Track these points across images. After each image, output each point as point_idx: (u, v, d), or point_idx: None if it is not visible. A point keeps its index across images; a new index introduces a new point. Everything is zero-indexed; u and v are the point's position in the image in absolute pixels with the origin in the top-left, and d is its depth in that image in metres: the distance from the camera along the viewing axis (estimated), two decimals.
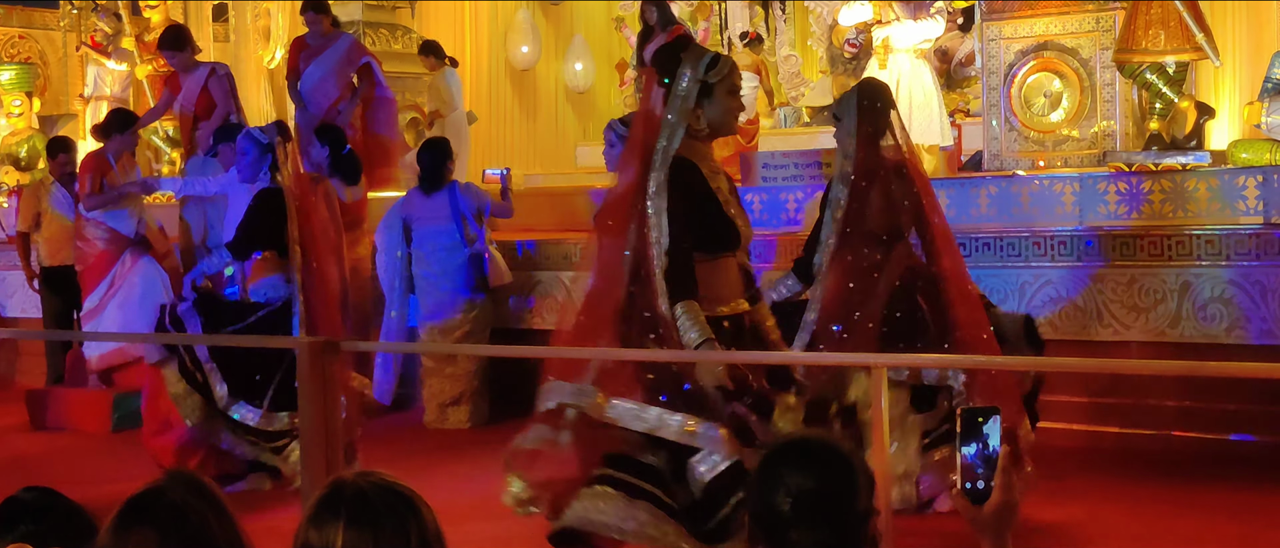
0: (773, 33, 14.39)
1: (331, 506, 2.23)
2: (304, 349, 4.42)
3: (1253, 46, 10.11)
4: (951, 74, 12.57)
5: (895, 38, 10.38)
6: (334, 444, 4.34)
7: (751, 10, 14.27)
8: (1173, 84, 9.07)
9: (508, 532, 5.58)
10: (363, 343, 6.92)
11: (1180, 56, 8.98)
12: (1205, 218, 8.01)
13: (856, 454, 2.48)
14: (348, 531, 2.19)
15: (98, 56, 14.10)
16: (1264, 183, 8.00)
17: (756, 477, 2.47)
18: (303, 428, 4.44)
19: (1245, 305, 7.47)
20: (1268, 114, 8.63)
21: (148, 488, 2.33)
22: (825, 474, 2.41)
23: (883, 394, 3.69)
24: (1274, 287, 7.41)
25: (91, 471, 7.81)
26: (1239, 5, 10.23)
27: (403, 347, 6.79)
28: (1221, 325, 7.46)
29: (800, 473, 2.41)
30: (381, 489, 2.25)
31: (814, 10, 13.82)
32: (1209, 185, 8.16)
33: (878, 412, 3.72)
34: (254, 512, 6.69)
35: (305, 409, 4.38)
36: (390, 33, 12.57)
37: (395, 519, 2.23)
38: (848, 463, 2.44)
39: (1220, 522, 6.05)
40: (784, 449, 2.49)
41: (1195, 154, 8.87)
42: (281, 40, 14.02)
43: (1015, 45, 9.48)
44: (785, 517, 2.39)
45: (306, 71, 10.85)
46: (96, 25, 14.28)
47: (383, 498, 2.24)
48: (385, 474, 2.30)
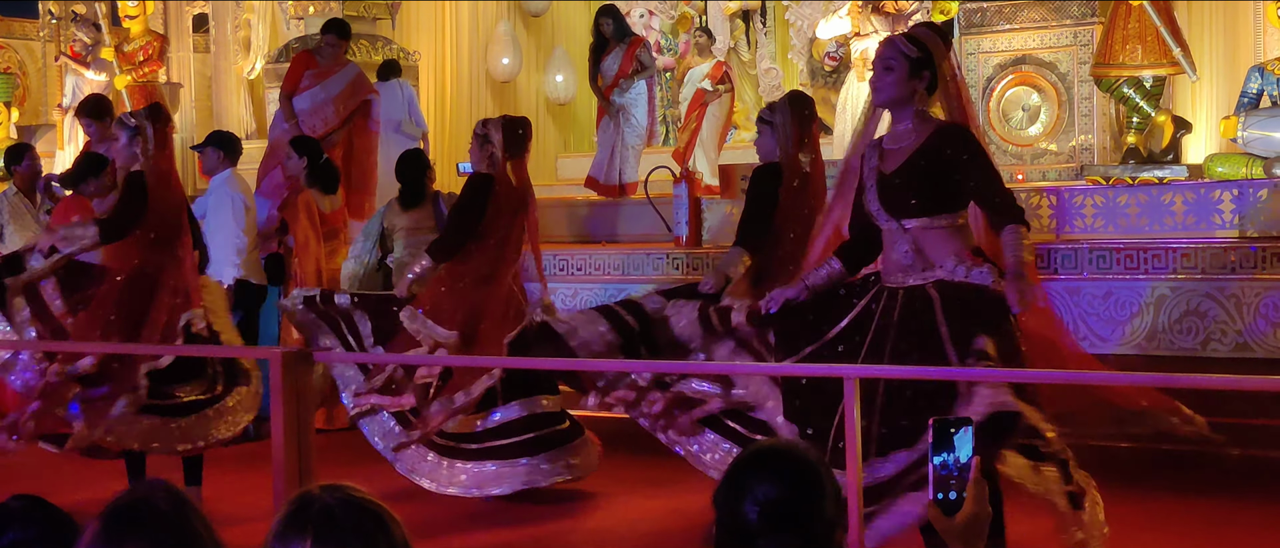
0: (753, 46, 14.41)
1: (298, 521, 2.21)
2: (276, 359, 4.41)
3: (1229, 61, 10.16)
4: None
5: (874, 51, 10.40)
6: (306, 454, 4.33)
7: (732, 24, 14.30)
8: (1150, 98, 9.12)
9: (479, 544, 5.57)
10: (335, 354, 6.87)
11: (1157, 71, 9.03)
12: (1181, 231, 8.04)
13: (824, 465, 2.47)
14: (315, 546, 2.18)
15: (77, 67, 14.07)
16: (1239, 197, 8.04)
17: (723, 484, 2.46)
18: (274, 438, 4.42)
19: (1221, 319, 7.50)
20: (1244, 128, 8.67)
21: (131, 497, 2.31)
22: (792, 484, 2.41)
23: (855, 405, 3.69)
24: (1249, 300, 7.44)
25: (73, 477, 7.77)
26: (1215, 20, 10.28)
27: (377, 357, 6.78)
28: (1197, 339, 7.49)
29: (767, 482, 2.41)
30: (348, 504, 2.23)
31: (794, 24, 13.85)
32: (1185, 199, 8.20)
33: (851, 423, 3.72)
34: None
35: (277, 419, 4.37)
36: (370, 43, 12.54)
37: (362, 535, 2.21)
38: (815, 473, 2.43)
39: (1198, 534, 6.05)
40: (752, 457, 2.48)
41: (1172, 168, 8.93)
42: (261, 51, 14.01)
43: (994, 59, 9.52)
44: (751, 525, 2.39)
45: (310, 91, 10.65)
46: (75, 35, 14.25)
47: (349, 513, 2.22)
48: (353, 488, 2.27)
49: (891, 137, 4.81)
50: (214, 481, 7.63)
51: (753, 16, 14.35)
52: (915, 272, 4.68)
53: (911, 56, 4.70)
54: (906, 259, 4.69)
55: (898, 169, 4.71)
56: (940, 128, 4.73)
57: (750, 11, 14.32)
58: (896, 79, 4.71)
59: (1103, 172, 8.80)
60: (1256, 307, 7.43)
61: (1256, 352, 7.40)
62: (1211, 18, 10.30)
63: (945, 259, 4.63)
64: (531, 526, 6.66)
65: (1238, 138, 8.75)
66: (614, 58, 11.48)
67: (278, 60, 12.87)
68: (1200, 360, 7.39)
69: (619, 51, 11.45)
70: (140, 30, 13.90)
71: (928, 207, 4.68)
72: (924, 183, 4.67)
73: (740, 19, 14.34)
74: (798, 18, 13.74)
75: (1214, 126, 9.71)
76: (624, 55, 11.39)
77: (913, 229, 4.68)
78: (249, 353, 6.84)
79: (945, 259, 4.63)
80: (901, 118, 4.77)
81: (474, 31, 14.49)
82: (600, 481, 7.09)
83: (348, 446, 8.07)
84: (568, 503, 6.96)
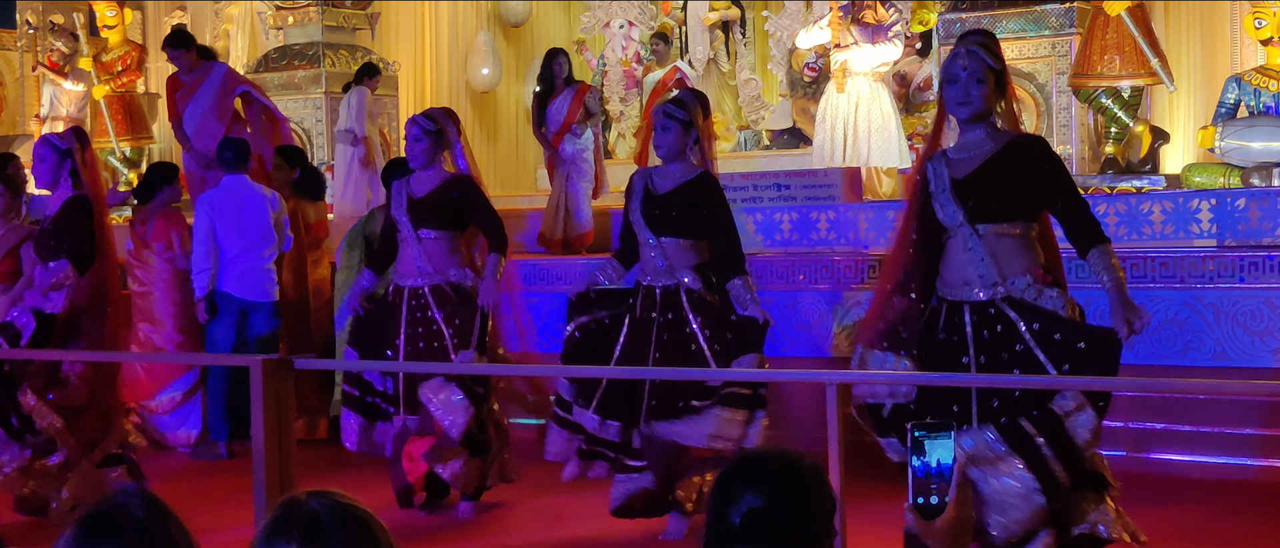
0: (733, 57, 14.44)
1: (284, 525, 2.20)
2: (257, 367, 4.39)
3: (1207, 72, 10.23)
4: (910, 98, 12.63)
5: (853, 62, 10.44)
6: (287, 462, 4.31)
7: (712, 34, 14.32)
8: (1128, 109, 9.16)
9: None
10: (319, 362, 6.85)
11: (1135, 81, 9.07)
12: (1160, 241, 8.08)
13: (816, 475, 2.46)
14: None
15: (54, 77, 14.01)
16: (1217, 206, 8.07)
17: (713, 489, 2.46)
18: (254, 446, 4.40)
19: (1199, 327, 7.53)
20: (1221, 138, 8.72)
21: (107, 505, 2.30)
22: (775, 493, 2.39)
23: (835, 411, 3.69)
24: (1228, 309, 7.48)
25: None
26: (1193, 31, 10.36)
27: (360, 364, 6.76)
28: (1176, 347, 7.52)
29: (751, 491, 2.40)
30: (335, 509, 2.22)
31: (773, 35, 13.89)
32: (1163, 209, 8.24)
33: (831, 426, 3.72)
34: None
35: (258, 427, 4.35)
36: (350, 54, 12.54)
37: (349, 540, 2.20)
38: (802, 483, 2.42)
39: (1180, 545, 6.06)
40: (741, 465, 2.47)
41: (1150, 178, 8.97)
42: (241, 61, 13.98)
43: None
44: (734, 531, 2.38)
45: (186, 113, 10.18)
46: (53, 45, 14.19)
47: (337, 518, 2.21)
48: (339, 494, 2.26)
49: (960, 147, 4.80)
50: (193, 489, 7.62)
51: (732, 27, 14.39)
52: (985, 285, 4.67)
53: (996, 69, 4.74)
54: (979, 268, 4.67)
55: (972, 174, 4.70)
56: (1017, 137, 4.76)
57: (730, 22, 14.35)
58: (986, 92, 4.71)
59: (1081, 182, 8.83)
60: (1235, 316, 7.47)
61: (1234, 360, 7.44)
62: (1189, 28, 10.37)
63: (1018, 276, 4.65)
64: (515, 535, 6.66)
65: (1215, 148, 8.79)
66: (561, 102, 10.76)
67: (257, 70, 12.85)
68: (1179, 369, 7.42)
69: (566, 96, 10.77)
70: (118, 40, 13.84)
71: (1004, 211, 4.69)
72: (1001, 187, 4.69)
73: (720, 29, 14.36)
74: (777, 28, 13.78)
75: (1192, 137, 9.77)
76: (571, 100, 10.74)
77: (986, 234, 4.69)
78: (229, 362, 6.82)
79: (1018, 276, 4.65)
80: (973, 129, 4.77)
81: (453, 42, 14.50)
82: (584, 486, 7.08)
83: (327, 457, 8.06)
84: (555, 512, 6.94)
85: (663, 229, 6.18)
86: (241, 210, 8.64)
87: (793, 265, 8.66)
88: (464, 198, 6.87)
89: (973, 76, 4.71)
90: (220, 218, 8.61)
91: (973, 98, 4.72)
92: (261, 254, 8.67)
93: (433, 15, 14.39)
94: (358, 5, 12.87)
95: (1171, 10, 10.41)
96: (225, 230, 8.63)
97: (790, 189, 9.45)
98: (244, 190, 8.71)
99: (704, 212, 6.17)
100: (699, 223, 6.18)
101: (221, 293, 8.62)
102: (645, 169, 6.55)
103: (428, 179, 6.91)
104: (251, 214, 8.64)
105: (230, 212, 8.64)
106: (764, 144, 13.70)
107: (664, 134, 6.23)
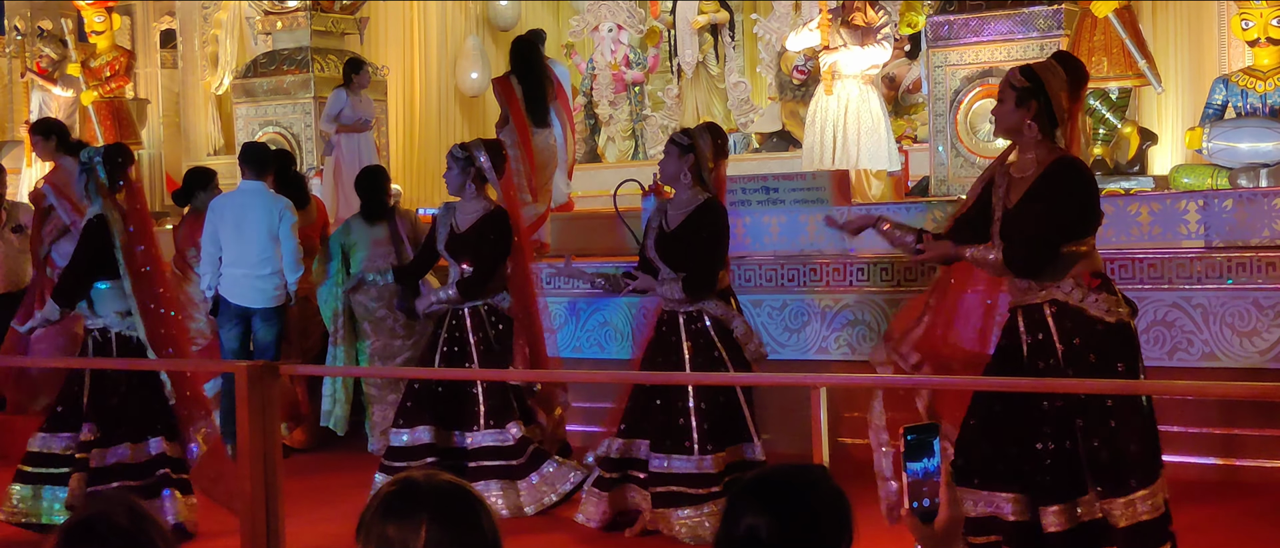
0: (722, 60, 14.44)
1: (408, 500, 2.27)
2: (242, 373, 4.38)
3: (1194, 73, 10.23)
4: (899, 100, 12.64)
5: (842, 64, 10.44)
6: (273, 467, 4.30)
7: (701, 38, 14.32)
8: (1116, 110, 9.17)
9: None
10: (304, 368, 6.84)
11: (1123, 82, 9.09)
12: (1148, 242, 8.08)
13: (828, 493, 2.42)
14: (431, 526, 2.24)
15: (43, 83, 13.99)
16: (1205, 207, 8.08)
17: (726, 507, 2.44)
18: (240, 452, 4.39)
19: (1187, 328, 7.54)
20: (1208, 140, 8.73)
21: (89, 514, 2.29)
22: (783, 514, 2.36)
23: (822, 412, 3.69)
24: (1215, 309, 7.48)
25: None
26: (1180, 33, 10.37)
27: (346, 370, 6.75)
28: (1164, 348, 7.52)
29: (758, 510, 2.37)
30: (455, 486, 2.32)
31: (762, 38, 13.88)
32: (1151, 210, 8.24)
33: (817, 432, 3.71)
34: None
35: (243, 433, 4.34)
36: (338, 59, 12.52)
37: (472, 514, 2.29)
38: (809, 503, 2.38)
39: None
40: (751, 484, 2.44)
41: (1138, 179, 8.98)
42: (229, 66, 13.97)
43: (961, 72, 9.55)
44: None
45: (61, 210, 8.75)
46: (41, 51, 14.17)
47: (458, 494, 2.31)
48: (449, 475, 2.36)
49: (1017, 166, 4.89)
50: None
51: (721, 30, 14.38)
52: (1033, 291, 4.79)
53: (1019, 87, 4.78)
54: (1025, 282, 4.80)
55: (1019, 201, 4.80)
56: (1060, 159, 4.79)
57: (719, 25, 14.34)
58: (1005, 109, 4.84)
59: None
60: (1223, 317, 7.47)
61: (1223, 361, 7.44)
62: (1176, 30, 10.38)
63: (1064, 280, 4.74)
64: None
65: (1203, 149, 8.80)
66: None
67: (246, 75, 12.84)
68: (1167, 370, 7.42)
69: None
70: (107, 46, 13.83)
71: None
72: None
73: (709, 32, 14.36)
74: (766, 31, 13.77)
75: (1179, 138, 9.77)
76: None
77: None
78: (215, 368, 6.80)
79: (1064, 280, 4.74)
80: (1023, 148, 4.85)
81: (442, 46, 14.50)
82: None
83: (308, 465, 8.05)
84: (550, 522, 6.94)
85: (679, 265, 6.42)
86: (242, 218, 8.60)
87: (780, 269, 8.65)
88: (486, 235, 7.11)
89: (998, 93, 4.88)
90: (222, 224, 8.59)
91: (995, 115, 4.94)
92: (258, 262, 8.60)
93: (422, 19, 14.38)
94: (346, 10, 12.85)
95: (1159, 12, 10.42)
96: (226, 237, 8.60)
97: (779, 192, 9.43)
98: (251, 198, 8.66)
99: (702, 236, 6.36)
100: None
101: (222, 298, 8.62)
102: (663, 204, 6.76)
103: (470, 212, 7.18)
104: (252, 222, 8.59)
105: (231, 218, 8.60)
106: (753, 147, 13.69)
107: (664, 159, 6.55)
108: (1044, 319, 4.76)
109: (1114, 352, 4.73)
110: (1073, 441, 4.67)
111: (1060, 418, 4.69)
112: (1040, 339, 4.77)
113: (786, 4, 13.64)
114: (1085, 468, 4.65)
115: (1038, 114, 4.76)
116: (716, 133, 6.72)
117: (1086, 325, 4.70)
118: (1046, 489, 4.66)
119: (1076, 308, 4.71)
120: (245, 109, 12.67)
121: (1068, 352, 4.71)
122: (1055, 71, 4.81)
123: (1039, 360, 4.76)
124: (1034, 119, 4.76)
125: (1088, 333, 4.70)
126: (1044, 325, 4.76)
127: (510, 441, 6.98)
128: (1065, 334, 4.71)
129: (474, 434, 7.03)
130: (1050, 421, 4.69)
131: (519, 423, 7.02)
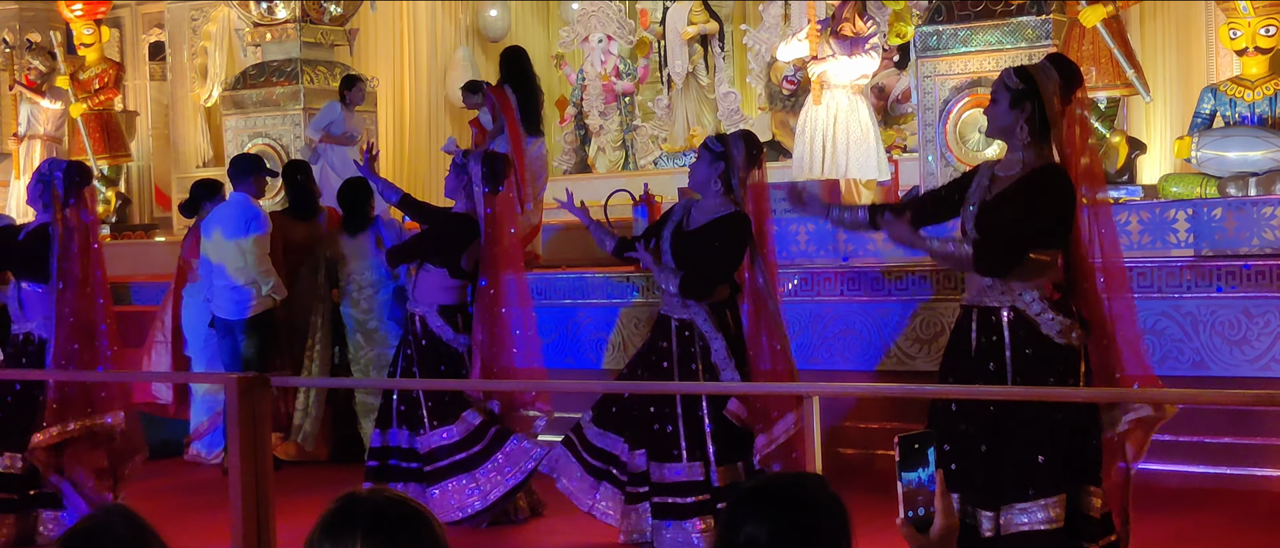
0: (712, 70, 14.45)
1: (346, 518, 2.25)
2: (232, 384, 4.37)
3: (1182, 82, 10.26)
4: (888, 110, 12.66)
5: (832, 74, 10.44)
6: (263, 479, 4.29)
7: (691, 48, 14.33)
8: (1104, 119, 9.19)
9: None
10: (292, 379, 6.83)
11: (1111, 92, 9.10)
12: (1137, 251, 8.09)
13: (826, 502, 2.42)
14: (366, 542, 2.22)
15: (31, 95, 13.96)
16: (1194, 216, 8.10)
17: (724, 515, 2.44)
18: (231, 463, 4.38)
19: (1177, 337, 7.55)
20: (1197, 148, 8.74)
21: (89, 522, 2.29)
22: (779, 524, 2.36)
23: (814, 422, 3.69)
24: (1205, 318, 7.49)
25: None
26: (1168, 42, 10.39)
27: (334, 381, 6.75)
28: (1154, 357, 7.53)
29: (755, 521, 2.37)
30: (395, 503, 2.29)
31: (752, 48, 13.90)
32: (1140, 219, 8.25)
33: (810, 440, 3.72)
34: None
35: (233, 444, 4.33)
36: (328, 70, 12.51)
37: (411, 533, 2.26)
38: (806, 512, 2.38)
39: None
40: (749, 493, 2.44)
41: (1127, 188, 8.99)
42: (218, 78, 13.96)
43: (950, 81, 9.56)
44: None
45: None
46: (30, 63, 14.14)
47: (397, 511, 2.28)
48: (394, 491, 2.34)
49: (1004, 164, 4.93)
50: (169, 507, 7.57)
51: (711, 41, 14.39)
52: (994, 294, 4.83)
53: (1013, 88, 4.80)
54: (986, 281, 4.84)
55: (996, 197, 4.84)
56: (1046, 166, 4.81)
57: (708, 36, 14.35)
58: (999, 110, 4.86)
59: None
60: (1213, 325, 7.49)
61: (1213, 370, 7.45)
62: (1164, 39, 10.40)
63: (1027, 290, 4.77)
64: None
65: (1192, 158, 8.82)
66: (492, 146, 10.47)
67: (235, 87, 12.82)
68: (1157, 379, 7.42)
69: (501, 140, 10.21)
70: (96, 58, 13.81)
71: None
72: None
73: (699, 43, 14.37)
74: (755, 42, 13.78)
75: (1168, 147, 9.79)
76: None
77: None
78: (205, 379, 6.79)
79: (1027, 290, 4.77)
80: (1013, 148, 4.88)
81: (432, 57, 14.49)
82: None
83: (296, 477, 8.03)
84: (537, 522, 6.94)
85: (685, 263, 6.32)
86: (220, 230, 8.62)
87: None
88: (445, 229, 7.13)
89: (991, 94, 4.92)
90: (206, 237, 8.63)
91: (988, 115, 4.97)
92: (232, 273, 8.60)
93: (411, 31, 14.38)
94: (336, 22, 12.85)
95: (1147, 21, 10.44)
96: (207, 249, 8.63)
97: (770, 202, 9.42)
98: (229, 210, 8.69)
99: (716, 243, 6.26)
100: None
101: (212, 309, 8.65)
102: (689, 201, 6.67)
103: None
104: (227, 234, 8.60)
105: (212, 231, 8.64)
106: None
107: (696, 163, 6.46)
108: (1000, 324, 4.79)
109: (1061, 373, 4.75)
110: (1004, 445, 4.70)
111: (996, 423, 4.72)
112: (993, 341, 4.80)
113: (776, 15, 13.65)
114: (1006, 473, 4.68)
115: (1031, 116, 4.78)
116: (751, 141, 6.61)
117: (1040, 340, 4.74)
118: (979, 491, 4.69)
119: (1032, 321, 4.74)
120: (234, 121, 12.64)
121: (1017, 359, 4.73)
122: (1049, 73, 4.83)
123: (989, 362, 4.79)
124: (1026, 121, 4.78)
125: (1038, 345, 4.74)
126: (998, 330, 4.79)
127: (469, 430, 6.96)
128: (1018, 342, 4.75)
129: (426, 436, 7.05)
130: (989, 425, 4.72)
131: (474, 409, 7.00)
